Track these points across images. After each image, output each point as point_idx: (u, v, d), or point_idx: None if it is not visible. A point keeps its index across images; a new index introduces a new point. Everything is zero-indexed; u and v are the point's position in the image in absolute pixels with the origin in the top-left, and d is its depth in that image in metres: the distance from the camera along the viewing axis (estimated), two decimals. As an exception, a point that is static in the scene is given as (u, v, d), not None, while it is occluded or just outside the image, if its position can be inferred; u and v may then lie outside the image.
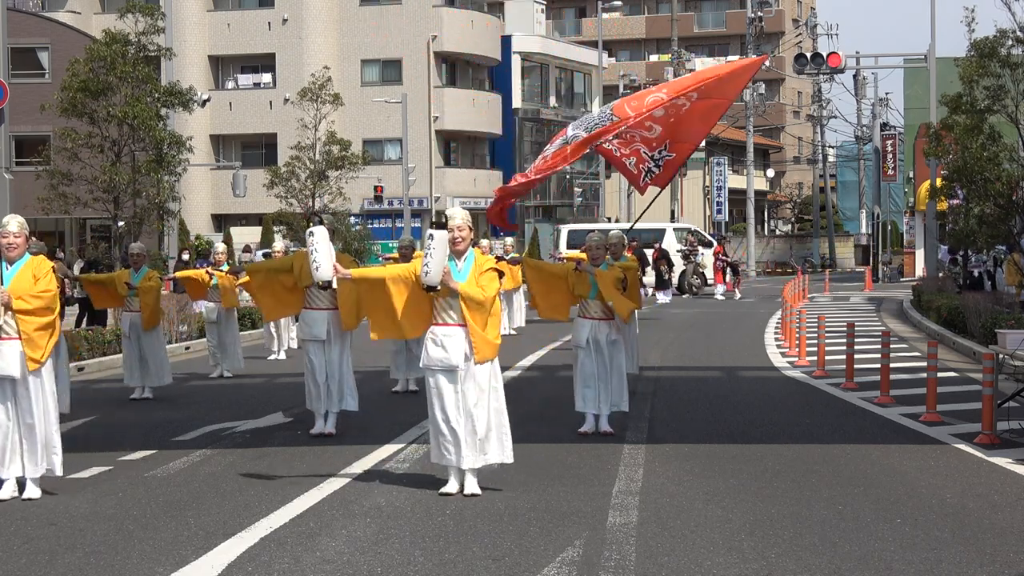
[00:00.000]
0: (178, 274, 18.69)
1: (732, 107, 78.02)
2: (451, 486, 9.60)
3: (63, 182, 27.35)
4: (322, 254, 9.85)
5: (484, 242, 24.87)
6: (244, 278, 16.90)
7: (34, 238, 14.34)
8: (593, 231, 13.37)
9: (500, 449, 9.70)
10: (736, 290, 41.22)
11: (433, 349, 9.58)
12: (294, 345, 21.01)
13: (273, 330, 21.60)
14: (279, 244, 21.40)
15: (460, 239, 9.67)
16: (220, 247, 19.80)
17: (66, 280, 25.18)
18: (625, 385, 12.72)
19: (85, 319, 25.86)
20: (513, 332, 25.74)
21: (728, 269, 41.87)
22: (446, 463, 9.61)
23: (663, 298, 37.67)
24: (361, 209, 55.45)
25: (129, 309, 16.30)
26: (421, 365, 9.80)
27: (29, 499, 9.66)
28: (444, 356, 9.54)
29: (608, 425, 12.55)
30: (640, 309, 14.24)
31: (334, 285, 9.75)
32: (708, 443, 12.09)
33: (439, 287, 9.47)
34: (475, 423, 9.54)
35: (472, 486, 9.57)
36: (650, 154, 12.57)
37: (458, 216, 9.77)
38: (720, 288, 41.14)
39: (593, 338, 12.46)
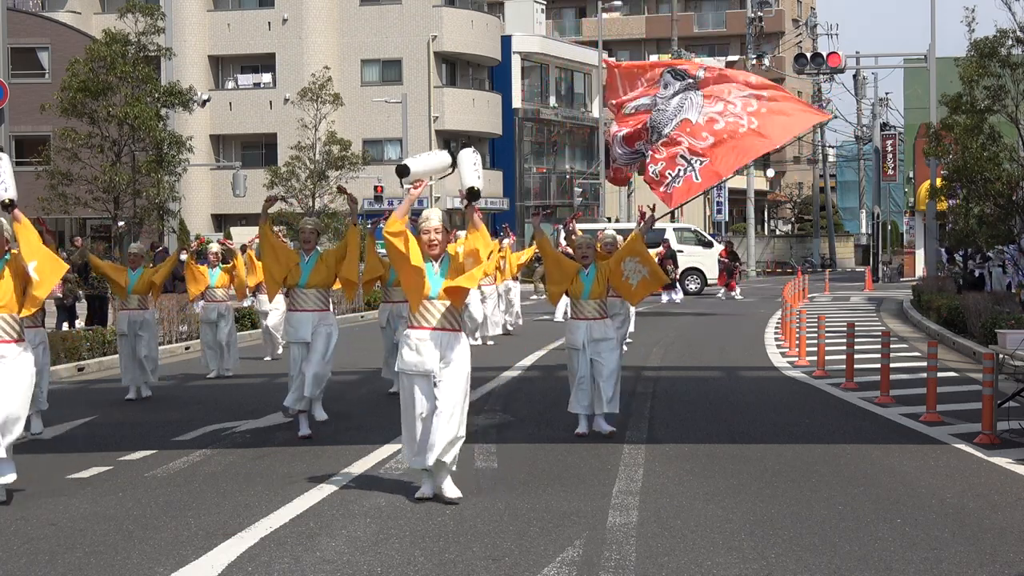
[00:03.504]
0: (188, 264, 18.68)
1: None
2: (425, 490, 9.43)
3: (63, 182, 27.35)
4: None
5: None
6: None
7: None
8: (583, 232, 13.29)
9: (453, 452, 9.43)
10: (736, 290, 41.21)
11: (408, 353, 9.40)
12: None
13: (274, 331, 21.59)
14: None
15: (435, 242, 9.46)
16: (215, 247, 19.77)
17: (73, 280, 25.26)
18: (618, 387, 12.62)
19: (80, 320, 25.85)
20: (510, 330, 25.77)
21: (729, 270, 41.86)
22: (416, 465, 9.42)
23: (666, 297, 37.72)
24: (361, 209, 55.44)
25: (126, 308, 16.29)
26: (396, 368, 9.61)
27: None
28: (419, 360, 9.33)
29: (608, 425, 12.52)
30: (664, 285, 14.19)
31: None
32: (708, 443, 12.09)
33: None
34: (446, 426, 9.30)
35: (452, 491, 9.39)
36: (687, 158, 12.63)
37: (434, 217, 9.51)
38: (735, 292, 41.07)
39: (589, 339, 12.41)
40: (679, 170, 12.80)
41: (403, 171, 9.77)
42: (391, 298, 16.15)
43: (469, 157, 9.79)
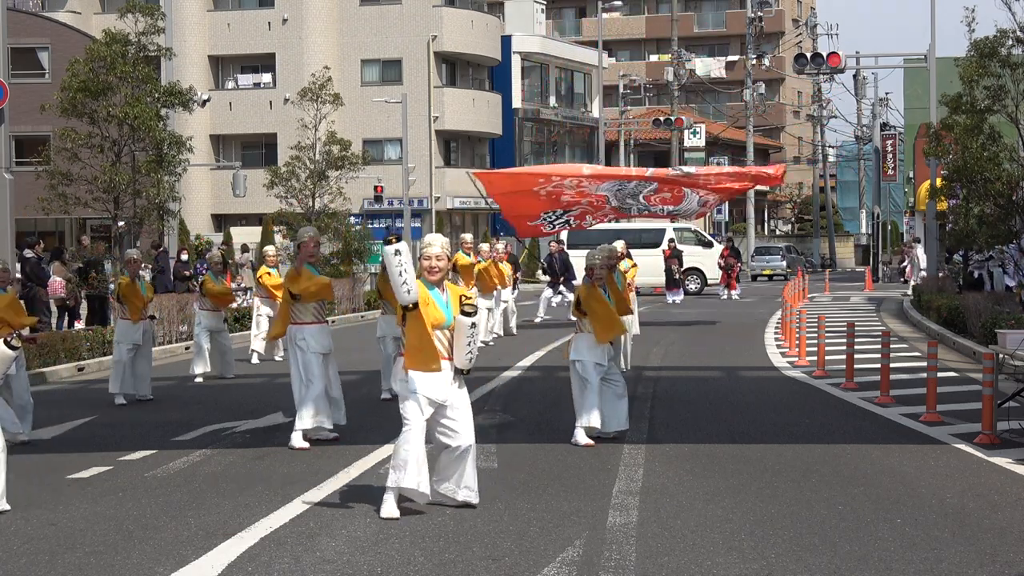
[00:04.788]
0: (210, 290, 18.71)
1: (732, 107, 77.50)
2: (391, 510, 8.97)
3: (63, 182, 27.32)
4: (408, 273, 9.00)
5: (484, 246, 24.88)
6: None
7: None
8: (592, 249, 13.00)
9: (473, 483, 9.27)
10: (736, 289, 41.15)
11: (422, 380, 8.99)
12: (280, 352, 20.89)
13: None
14: (271, 249, 21.32)
15: (436, 268, 9.10)
16: (216, 254, 19.78)
17: (68, 283, 25.26)
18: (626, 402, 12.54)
19: (79, 320, 25.84)
20: (514, 334, 25.79)
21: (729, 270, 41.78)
22: (420, 490, 8.96)
23: (670, 298, 37.71)
24: (361, 209, 55.41)
25: (140, 316, 16.21)
26: (407, 391, 8.99)
27: None
28: (435, 390, 8.98)
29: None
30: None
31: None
32: (708, 443, 12.09)
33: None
34: (472, 462, 9.18)
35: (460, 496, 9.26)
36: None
37: (436, 244, 9.17)
38: (735, 290, 41.02)
39: (607, 356, 12.25)
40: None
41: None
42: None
43: (465, 329, 8.99)
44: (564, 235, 42.60)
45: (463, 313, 9.03)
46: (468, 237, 23.65)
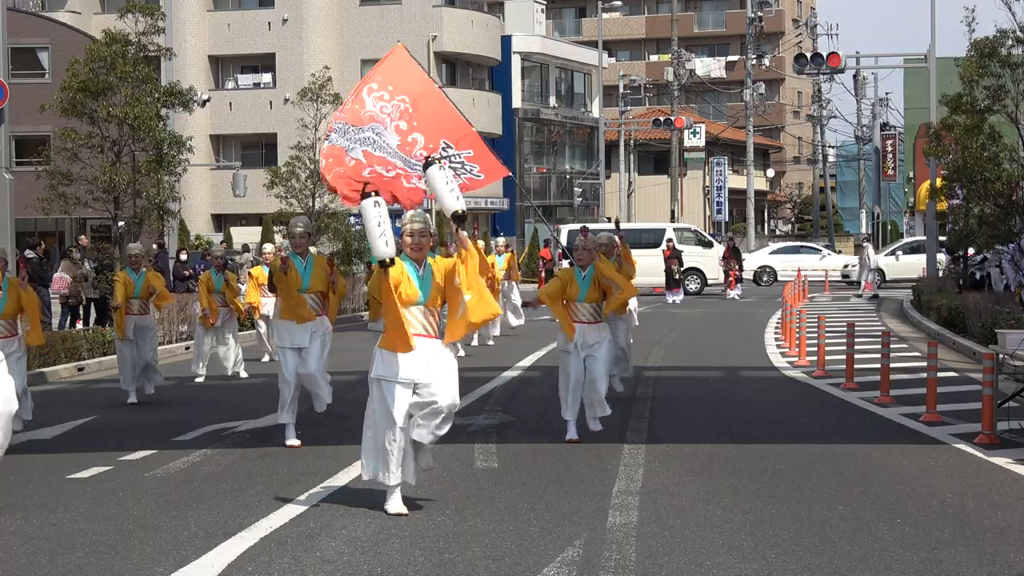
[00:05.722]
0: (201, 306, 18.55)
1: (732, 107, 77.49)
2: (397, 505, 9.01)
3: (63, 182, 27.31)
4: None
5: (482, 244, 24.85)
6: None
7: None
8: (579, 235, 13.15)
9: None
10: (734, 289, 41.09)
11: (388, 361, 8.98)
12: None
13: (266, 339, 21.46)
14: (269, 247, 21.30)
15: (419, 246, 9.03)
16: (219, 249, 19.77)
17: (74, 280, 25.28)
18: (604, 390, 12.49)
19: (80, 320, 25.85)
20: (513, 328, 25.77)
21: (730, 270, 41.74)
22: (390, 481, 8.97)
23: (671, 298, 37.69)
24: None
25: (131, 312, 16.18)
26: (372, 376, 9.09)
27: None
28: (400, 369, 8.92)
29: (598, 424, 12.42)
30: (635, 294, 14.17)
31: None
32: (708, 443, 12.09)
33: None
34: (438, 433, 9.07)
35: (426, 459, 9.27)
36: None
37: (420, 220, 9.09)
38: (736, 290, 40.94)
39: (583, 343, 12.31)
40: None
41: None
42: None
43: (439, 175, 9.05)
44: (564, 235, 42.61)
45: (426, 162, 9.20)
46: (464, 235, 23.62)
